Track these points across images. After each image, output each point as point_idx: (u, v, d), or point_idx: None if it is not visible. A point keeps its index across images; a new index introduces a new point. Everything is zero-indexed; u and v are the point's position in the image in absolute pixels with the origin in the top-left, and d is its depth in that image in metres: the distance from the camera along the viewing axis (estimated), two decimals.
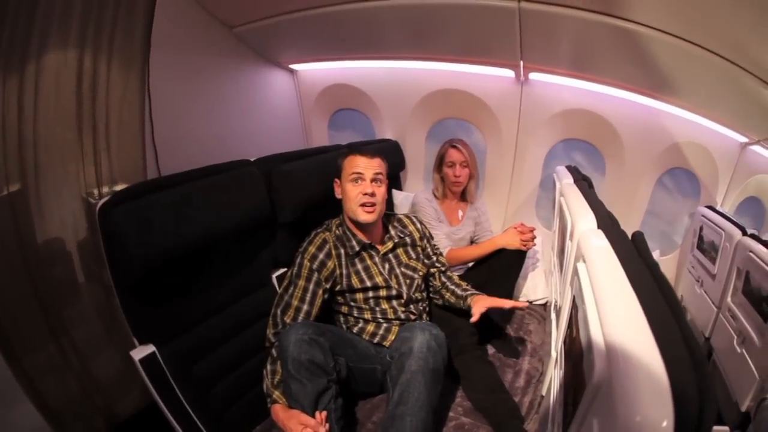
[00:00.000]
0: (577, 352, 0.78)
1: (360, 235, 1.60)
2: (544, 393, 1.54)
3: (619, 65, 2.03)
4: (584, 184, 1.59)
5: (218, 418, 1.33)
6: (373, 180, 1.56)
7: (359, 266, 1.59)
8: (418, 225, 1.83)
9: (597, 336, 0.65)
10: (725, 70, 1.67)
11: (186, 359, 1.27)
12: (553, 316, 1.68)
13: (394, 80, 2.55)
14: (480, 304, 1.58)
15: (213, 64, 2.11)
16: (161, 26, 1.68)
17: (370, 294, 1.59)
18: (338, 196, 1.61)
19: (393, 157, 2.45)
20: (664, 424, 0.48)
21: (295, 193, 1.63)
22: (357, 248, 1.58)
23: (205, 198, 1.29)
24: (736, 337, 1.69)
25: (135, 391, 1.76)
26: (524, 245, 1.97)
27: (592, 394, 0.61)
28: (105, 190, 1.57)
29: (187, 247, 1.23)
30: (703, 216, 2.14)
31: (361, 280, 1.57)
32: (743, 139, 2.27)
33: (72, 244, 1.52)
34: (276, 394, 1.34)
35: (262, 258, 1.58)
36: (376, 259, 1.63)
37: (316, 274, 1.49)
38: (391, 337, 1.58)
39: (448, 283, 1.79)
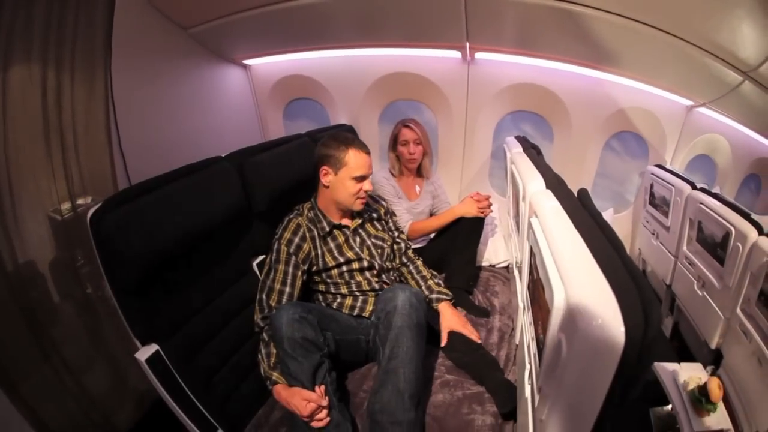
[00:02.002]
0: (539, 290, 0.97)
1: (330, 216, 1.75)
2: (517, 342, 1.72)
3: (563, 42, 2.21)
4: (532, 152, 1.78)
5: (222, 408, 1.42)
6: (369, 178, 1.74)
7: (332, 245, 1.73)
8: (382, 202, 2.04)
9: (553, 271, 0.85)
10: (668, 43, 1.86)
11: (186, 354, 1.36)
12: (516, 272, 1.87)
13: (346, 68, 2.71)
14: (447, 326, 1.76)
15: (171, 66, 2.19)
16: (119, 32, 1.74)
17: (344, 269, 1.74)
18: (326, 183, 1.71)
19: None
20: (616, 323, 0.65)
21: (266, 182, 1.76)
22: (327, 228, 1.72)
23: (187, 197, 1.38)
24: (695, 281, 1.93)
25: (129, 403, 1.83)
26: (481, 212, 2.18)
27: (557, 315, 0.79)
28: (78, 202, 1.63)
29: (175, 245, 1.32)
30: (652, 174, 2.38)
31: (335, 258, 1.72)
32: (689, 103, 2.53)
33: (46, 263, 1.59)
34: (275, 375, 1.46)
35: (241, 248, 1.69)
36: (348, 234, 1.78)
37: (293, 258, 1.64)
38: (369, 307, 1.74)
39: (411, 268, 1.99)
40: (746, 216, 1.60)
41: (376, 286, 1.80)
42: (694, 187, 2.03)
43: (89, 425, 1.69)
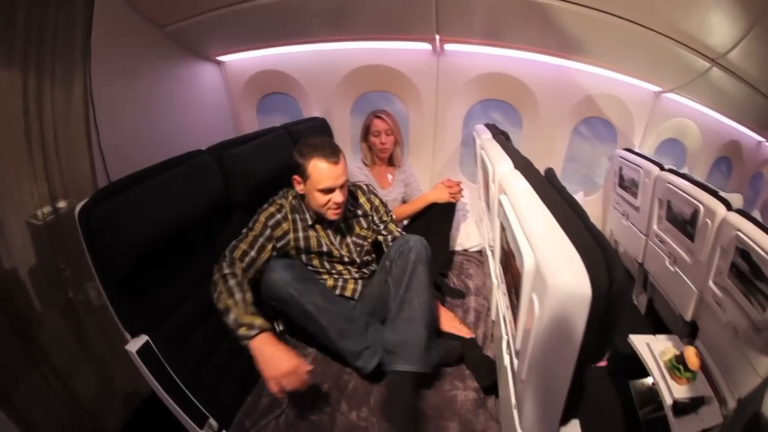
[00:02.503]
0: (511, 260, 1.05)
1: (314, 211, 1.71)
2: (494, 319, 1.81)
3: (531, 33, 2.31)
4: (501, 137, 1.87)
5: (212, 397, 1.43)
6: (341, 187, 1.64)
7: (310, 233, 1.73)
8: (369, 195, 1.95)
9: (522, 239, 0.92)
10: (633, 32, 1.96)
11: (174, 344, 1.37)
12: (489, 252, 1.96)
13: (318, 62, 2.77)
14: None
15: (148, 64, 2.21)
16: (97, 32, 1.75)
17: (324, 258, 1.78)
18: (300, 191, 1.68)
19: (322, 133, 2.66)
20: (582, 279, 0.72)
21: (245, 174, 1.80)
22: (310, 221, 1.72)
23: (170, 189, 1.41)
24: (667, 258, 2.03)
25: (117, 404, 1.84)
26: (453, 197, 2.29)
27: (528, 278, 0.86)
28: (58, 205, 1.63)
29: (162, 236, 1.35)
30: (621, 157, 2.50)
31: (315, 244, 1.74)
32: (656, 89, 2.66)
33: (27, 268, 1.57)
34: (259, 321, 1.34)
35: (222, 238, 1.69)
36: (329, 230, 1.78)
37: (269, 230, 1.64)
38: (350, 287, 1.81)
39: None
40: (714, 193, 1.69)
41: (356, 276, 1.85)
42: (662, 169, 2.13)
43: (79, 429, 1.69)
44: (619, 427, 1.79)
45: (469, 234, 2.72)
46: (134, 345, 1.25)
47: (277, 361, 1.29)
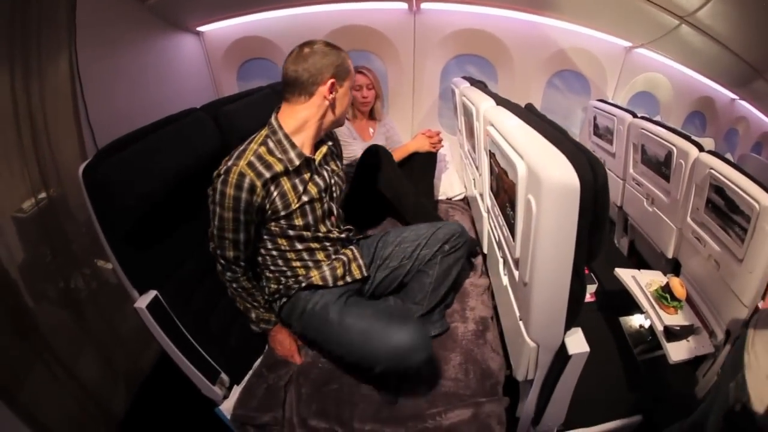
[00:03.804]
0: (503, 178, 1.17)
1: (301, 146, 1.43)
2: (486, 251, 1.92)
3: None
4: (480, 85, 1.98)
5: (222, 351, 1.48)
6: None
7: (296, 180, 1.43)
8: (335, 136, 1.76)
9: (513, 154, 1.04)
10: None
11: (181, 298, 1.41)
12: (475, 194, 2.07)
13: (297, 25, 2.84)
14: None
15: (130, 39, 2.24)
16: (81, 8, 1.76)
17: (308, 209, 1.47)
18: (330, 99, 1.41)
19: None
20: (571, 174, 0.84)
21: (240, 128, 1.78)
22: (297, 161, 1.41)
23: (171, 144, 1.44)
24: (645, 199, 2.16)
25: (120, 385, 1.88)
26: (433, 147, 2.41)
27: (522, 183, 0.98)
28: (40, 196, 1.64)
29: (165, 191, 1.37)
30: (595, 107, 2.63)
31: (298, 196, 1.43)
32: (627, 44, 2.81)
33: (19, 258, 1.58)
34: (273, 317, 1.59)
35: None
36: (314, 168, 1.49)
37: (244, 204, 1.35)
38: (354, 265, 1.61)
39: None
40: (686, 137, 1.81)
41: (343, 236, 1.63)
42: (635, 116, 2.26)
43: (89, 417, 1.72)
44: (615, 361, 1.90)
45: (452, 183, 2.87)
46: (143, 301, 1.27)
47: (288, 346, 1.57)
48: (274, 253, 1.51)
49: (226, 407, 1.43)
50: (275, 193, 1.38)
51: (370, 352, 1.34)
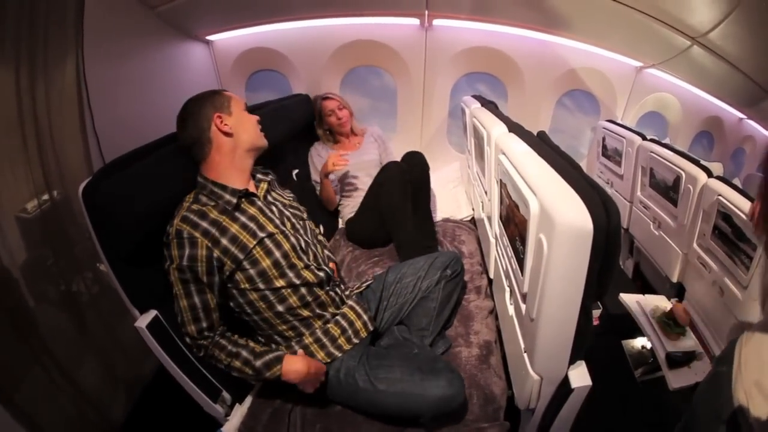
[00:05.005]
0: (514, 211, 1.15)
1: (231, 184, 1.35)
2: (492, 276, 1.89)
3: (516, 8, 2.44)
4: (491, 106, 1.98)
5: (222, 371, 1.37)
6: None
7: (243, 219, 1.34)
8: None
9: (525, 189, 1.03)
10: (615, 9, 2.08)
11: None
12: (483, 217, 2.04)
13: (307, 38, 2.83)
14: None
15: (139, 45, 2.23)
16: (89, 13, 1.75)
17: (277, 254, 1.36)
18: (227, 131, 1.36)
19: (302, 110, 2.68)
20: (584, 215, 0.84)
21: None
22: (234, 200, 1.34)
23: (171, 162, 1.41)
24: (652, 223, 2.15)
25: (120, 394, 1.87)
26: (333, 164, 2.28)
27: (534, 221, 0.97)
28: (43, 198, 1.63)
29: (165, 210, 1.33)
30: (604, 128, 2.63)
31: (254, 234, 1.33)
32: (638, 64, 2.81)
33: (21, 260, 1.57)
34: (272, 358, 1.31)
35: None
36: (260, 204, 1.41)
37: (194, 264, 1.25)
38: (358, 323, 1.52)
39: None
40: (695, 162, 1.80)
41: (340, 292, 1.57)
42: (644, 138, 2.25)
43: (87, 424, 1.71)
44: (615, 385, 1.90)
45: (460, 205, 2.85)
46: (143, 321, 1.27)
47: (308, 367, 1.32)
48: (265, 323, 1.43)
49: (228, 429, 1.41)
50: (224, 240, 1.28)
51: (410, 410, 1.32)
